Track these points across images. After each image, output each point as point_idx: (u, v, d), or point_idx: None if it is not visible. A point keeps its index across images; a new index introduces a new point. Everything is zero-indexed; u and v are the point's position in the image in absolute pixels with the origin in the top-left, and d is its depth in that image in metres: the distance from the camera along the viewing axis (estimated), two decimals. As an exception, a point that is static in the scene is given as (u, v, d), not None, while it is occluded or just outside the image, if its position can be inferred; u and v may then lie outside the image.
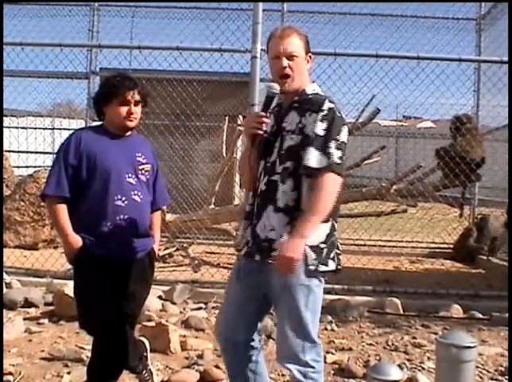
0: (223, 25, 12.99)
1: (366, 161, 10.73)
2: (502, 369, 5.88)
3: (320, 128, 3.76)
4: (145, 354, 5.21)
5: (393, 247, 12.86)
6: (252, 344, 4.10)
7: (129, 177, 4.59)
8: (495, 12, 13.73)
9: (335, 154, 3.74)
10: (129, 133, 4.70)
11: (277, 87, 3.87)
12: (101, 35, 13.56)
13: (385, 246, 12.80)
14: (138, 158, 4.68)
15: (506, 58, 9.61)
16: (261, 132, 3.86)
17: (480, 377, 5.72)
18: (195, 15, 15.16)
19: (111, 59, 10.73)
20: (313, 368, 3.85)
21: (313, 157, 3.70)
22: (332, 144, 3.75)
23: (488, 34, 14.24)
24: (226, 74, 12.61)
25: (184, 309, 7.76)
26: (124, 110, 4.57)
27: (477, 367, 5.77)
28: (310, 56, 4.00)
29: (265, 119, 3.85)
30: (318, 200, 3.66)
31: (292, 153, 3.82)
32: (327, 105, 3.82)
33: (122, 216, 4.52)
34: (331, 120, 3.79)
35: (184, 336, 6.63)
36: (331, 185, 3.70)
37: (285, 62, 3.85)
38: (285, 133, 3.87)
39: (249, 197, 4.10)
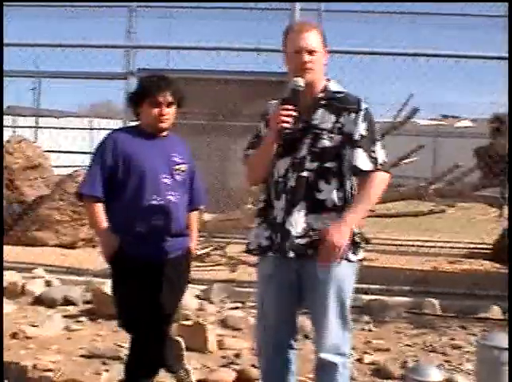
0: (260, 24, 12.99)
1: (403, 161, 10.66)
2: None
3: (363, 128, 3.83)
4: (181, 353, 5.24)
5: (432, 247, 12.75)
6: (292, 344, 4.12)
7: (164, 177, 4.61)
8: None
9: (382, 154, 3.87)
10: (164, 133, 4.72)
11: (302, 81, 3.83)
12: (139, 35, 13.62)
13: (423, 246, 12.70)
14: (174, 158, 4.69)
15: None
16: (289, 125, 3.80)
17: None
18: (232, 15, 15.21)
19: (149, 59, 10.74)
20: (349, 358, 3.98)
21: (362, 159, 3.80)
22: (377, 144, 3.87)
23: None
24: (263, 74, 12.63)
25: (221, 308, 7.78)
26: (155, 111, 4.59)
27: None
28: (326, 52, 3.99)
29: (293, 113, 3.80)
30: (367, 196, 3.81)
31: (332, 153, 3.84)
32: (364, 105, 3.87)
33: (157, 216, 4.54)
34: (370, 120, 3.87)
35: (222, 335, 6.64)
36: (381, 183, 3.85)
37: (307, 57, 3.84)
38: (318, 131, 3.85)
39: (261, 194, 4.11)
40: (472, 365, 5.79)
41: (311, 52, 3.85)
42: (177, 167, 4.69)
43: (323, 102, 3.91)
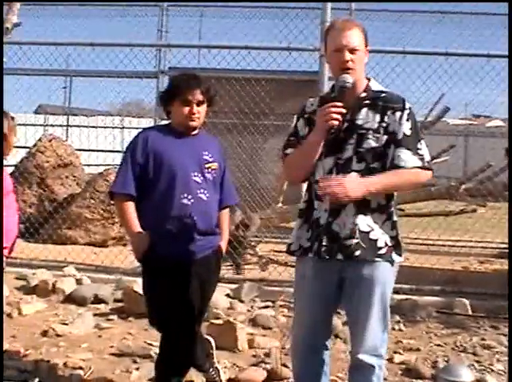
0: (292, 23, 12.94)
1: (435, 161, 10.61)
2: None
3: (407, 127, 3.82)
4: (211, 352, 5.25)
5: (462, 247, 12.68)
6: (327, 345, 4.13)
7: (195, 176, 4.62)
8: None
9: (426, 153, 3.87)
10: (195, 132, 4.73)
11: (351, 78, 3.80)
12: (170, 34, 13.69)
13: (454, 246, 12.63)
14: (205, 157, 4.70)
15: None
16: (339, 123, 3.76)
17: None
18: (263, 14, 15.23)
19: (180, 58, 10.77)
20: (384, 360, 3.99)
21: (408, 159, 3.79)
22: (422, 143, 3.86)
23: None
24: (295, 73, 12.63)
25: (251, 307, 7.78)
26: (186, 109, 4.59)
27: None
28: (368, 51, 3.97)
29: (342, 110, 3.75)
30: (401, 177, 3.81)
31: (378, 153, 3.82)
32: (407, 104, 3.86)
33: (188, 215, 4.55)
34: (414, 119, 3.87)
35: (252, 334, 6.65)
36: (421, 177, 3.87)
37: (348, 55, 3.79)
38: (364, 131, 3.82)
39: (303, 194, 4.09)
40: (503, 365, 5.75)
41: (352, 51, 3.81)
42: (208, 165, 4.69)
43: (366, 101, 3.88)
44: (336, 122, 3.73)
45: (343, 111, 3.74)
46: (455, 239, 12.82)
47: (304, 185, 4.10)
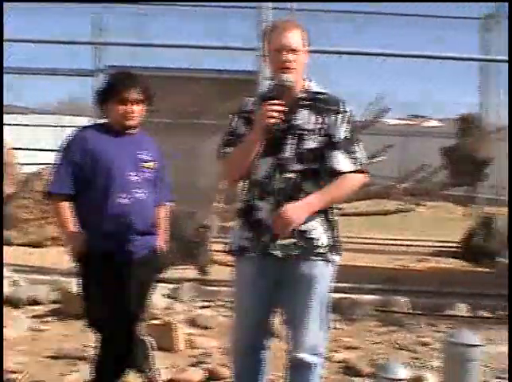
0: (231, 22, 12.95)
1: (372, 160, 10.70)
2: (506, 367, 5.86)
3: (345, 130, 3.84)
4: (150, 353, 5.21)
5: (400, 245, 12.82)
6: (266, 345, 4.12)
7: (132, 175, 4.56)
8: (503, 11, 13.72)
9: (362, 156, 3.90)
10: (133, 131, 4.67)
11: (291, 77, 3.78)
12: (108, 33, 13.54)
13: (391, 244, 12.76)
14: (142, 156, 4.65)
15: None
16: (278, 122, 3.74)
17: (486, 376, 5.70)
18: (203, 13, 15.15)
19: (119, 57, 10.69)
20: (323, 358, 4.02)
21: (342, 162, 3.81)
22: (358, 146, 3.89)
23: (495, 33, 14.25)
24: (234, 72, 12.62)
25: (190, 307, 7.75)
26: (122, 108, 4.54)
27: (483, 366, 5.76)
28: (308, 52, 3.97)
29: (282, 108, 3.72)
30: (340, 188, 3.84)
31: (317, 154, 3.82)
32: (346, 106, 3.87)
33: (125, 214, 4.50)
34: (352, 122, 3.89)
35: (191, 334, 6.62)
36: (357, 182, 3.89)
37: (288, 56, 3.79)
38: (303, 132, 3.82)
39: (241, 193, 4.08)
40: (440, 362, 5.82)
41: (293, 52, 3.80)
42: (145, 165, 4.65)
43: (305, 102, 3.87)
44: (276, 121, 3.71)
45: (283, 109, 3.72)
46: (393, 238, 12.95)
47: (242, 185, 4.07)
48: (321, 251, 3.85)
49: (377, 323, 7.36)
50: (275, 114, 3.70)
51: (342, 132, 3.82)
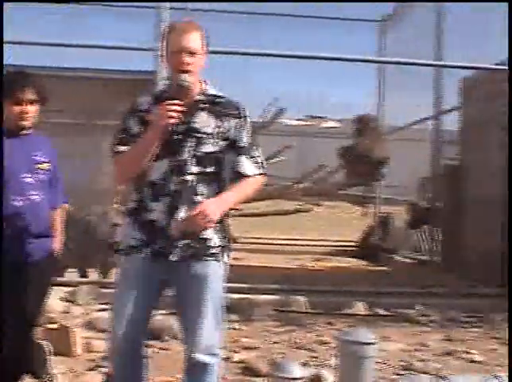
0: (128, 22, 12.83)
1: (270, 161, 10.79)
2: (405, 364, 5.99)
3: (245, 135, 3.87)
4: (47, 357, 5.12)
5: (298, 245, 12.96)
6: (145, 341, 4.09)
7: (26, 177, 4.47)
8: (400, 14, 14.01)
9: (261, 159, 3.95)
10: (27, 131, 4.58)
11: (189, 78, 3.76)
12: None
13: (290, 244, 12.88)
14: (37, 157, 4.56)
15: (409, 59, 9.81)
16: (177, 122, 3.71)
17: (384, 372, 5.80)
18: (104, 12, 14.93)
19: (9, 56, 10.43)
20: (219, 358, 4.00)
21: (248, 167, 3.85)
22: (258, 150, 3.94)
23: (390, 36, 14.54)
24: (132, 72, 12.50)
25: (88, 310, 7.65)
26: (16, 109, 4.44)
27: (381, 362, 5.87)
28: (206, 54, 3.97)
29: (181, 109, 3.69)
30: (245, 190, 3.88)
31: (214, 158, 3.82)
32: (245, 111, 3.90)
33: (20, 217, 4.41)
34: (250, 126, 3.91)
35: (88, 338, 6.53)
36: (258, 184, 3.95)
37: (187, 58, 3.76)
38: (201, 135, 3.80)
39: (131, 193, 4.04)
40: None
41: (191, 54, 3.78)
42: (40, 166, 4.56)
43: (204, 105, 3.86)
44: (174, 121, 3.69)
45: (182, 109, 3.70)
46: (291, 238, 13.09)
47: (133, 185, 4.03)
48: (213, 251, 3.86)
49: (275, 323, 7.41)
50: (174, 114, 3.67)
51: (245, 137, 3.85)
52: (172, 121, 3.68)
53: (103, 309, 7.68)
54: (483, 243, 9.86)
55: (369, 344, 4.96)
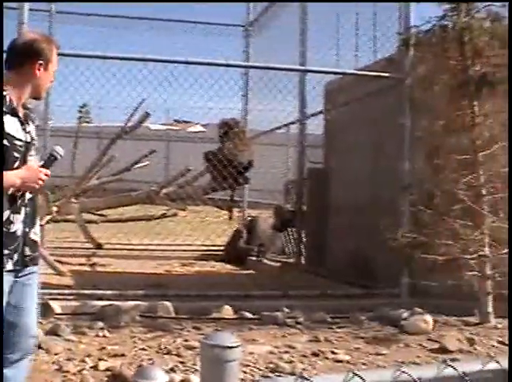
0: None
1: (136, 166, 10.70)
2: (273, 366, 6.03)
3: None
4: None
5: (164, 250, 12.90)
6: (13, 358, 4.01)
7: None
8: (263, 19, 14.16)
9: None
10: None
11: (62, 151, 3.91)
12: None
13: (156, 250, 12.81)
14: None
15: (273, 64, 9.92)
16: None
17: (252, 375, 5.82)
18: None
19: None
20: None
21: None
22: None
23: (256, 40, 14.69)
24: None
25: None
26: None
27: (248, 365, 5.90)
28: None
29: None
30: None
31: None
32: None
33: None
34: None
35: None
36: None
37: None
38: (35, 144, 3.95)
39: None
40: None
41: None
42: None
43: (32, 115, 3.99)
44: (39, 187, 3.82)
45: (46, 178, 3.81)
46: (157, 243, 13.02)
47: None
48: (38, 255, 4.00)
49: (143, 329, 7.33)
50: (41, 182, 3.78)
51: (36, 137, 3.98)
52: (37, 187, 3.80)
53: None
54: (347, 245, 10.07)
55: (232, 347, 4.96)
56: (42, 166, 3.84)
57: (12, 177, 3.68)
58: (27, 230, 3.84)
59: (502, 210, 7.23)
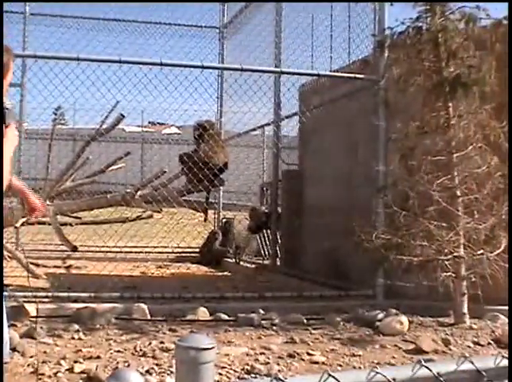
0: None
1: (111, 168, 10.65)
2: (249, 368, 6.03)
3: None
4: None
5: (140, 252, 12.88)
6: None
7: None
8: (237, 21, 14.18)
9: None
10: None
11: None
12: None
13: (131, 252, 12.78)
14: None
15: (247, 66, 9.93)
16: None
17: (228, 377, 5.81)
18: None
19: None
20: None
21: None
22: None
23: (230, 42, 14.70)
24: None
25: None
26: None
27: (224, 367, 5.89)
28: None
29: None
30: None
31: None
32: None
33: None
34: None
35: None
36: None
37: None
38: None
39: None
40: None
41: None
42: None
43: None
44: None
45: None
46: (133, 246, 12.98)
47: None
48: None
49: (118, 331, 7.30)
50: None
51: None
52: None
53: None
54: (323, 247, 10.09)
55: (207, 349, 4.95)
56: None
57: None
58: None
59: (477, 211, 7.27)
